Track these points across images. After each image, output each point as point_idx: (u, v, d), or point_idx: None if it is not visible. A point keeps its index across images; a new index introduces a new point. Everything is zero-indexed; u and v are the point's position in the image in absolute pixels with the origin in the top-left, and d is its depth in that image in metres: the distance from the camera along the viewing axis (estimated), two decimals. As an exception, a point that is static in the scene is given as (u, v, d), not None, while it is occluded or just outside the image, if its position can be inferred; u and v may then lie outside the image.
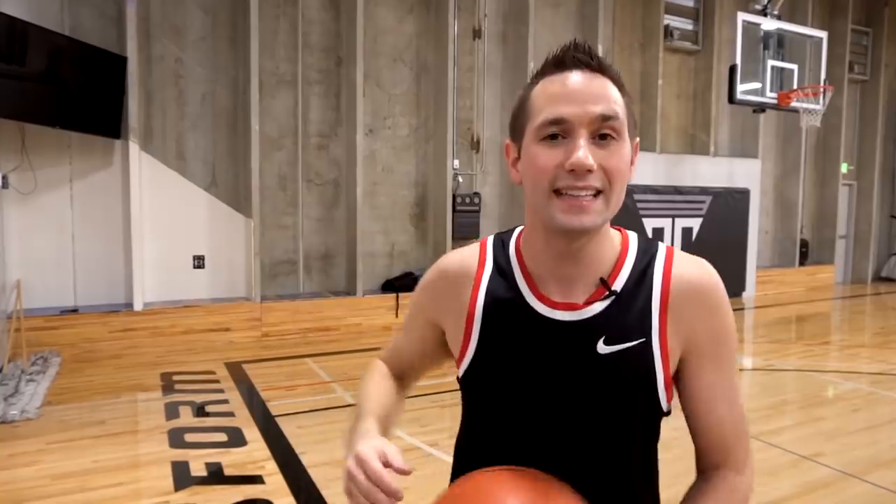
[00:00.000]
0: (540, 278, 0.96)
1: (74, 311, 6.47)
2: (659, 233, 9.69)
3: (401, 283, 8.01)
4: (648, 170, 9.53)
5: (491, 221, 8.73)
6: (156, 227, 6.87)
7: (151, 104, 6.83)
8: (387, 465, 0.87)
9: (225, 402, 5.01)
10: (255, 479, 3.61)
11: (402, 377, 1.22)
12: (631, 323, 0.92)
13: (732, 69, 7.72)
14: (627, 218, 9.25)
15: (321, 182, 7.77)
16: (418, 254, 8.37)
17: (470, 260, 1.03)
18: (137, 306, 6.58)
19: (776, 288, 11.24)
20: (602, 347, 0.91)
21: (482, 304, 0.97)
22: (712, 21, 9.95)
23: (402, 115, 8.15)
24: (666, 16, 9.71)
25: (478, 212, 8.38)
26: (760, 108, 8.39)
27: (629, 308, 0.92)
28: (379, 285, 8.07)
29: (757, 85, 7.97)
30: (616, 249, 0.97)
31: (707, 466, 0.98)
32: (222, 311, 6.95)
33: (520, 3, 8.49)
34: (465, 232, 8.32)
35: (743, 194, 10.50)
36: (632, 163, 0.93)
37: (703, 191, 10.06)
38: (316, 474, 3.68)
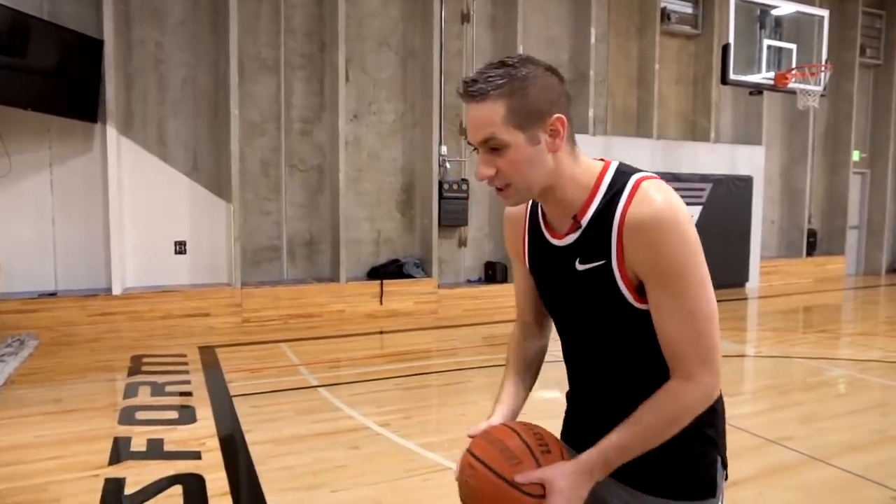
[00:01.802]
0: (548, 218, 1.30)
1: (53, 294, 6.49)
2: (656, 221, 9.46)
3: (386, 271, 7.92)
4: (645, 156, 9.29)
5: (480, 208, 8.60)
6: (137, 213, 6.86)
7: (132, 89, 6.82)
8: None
9: (187, 382, 4.96)
10: (193, 455, 3.53)
11: (538, 316, 1.50)
12: (596, 248, 1.19)
13: (725, 49, 7.48)
14: (623, 205, 9.04)
15: (305, 168, 7.71)
16: (405, 241, 8.26)
17: (521, 208, 1.38)
18: (116, 290, 6.58)
19: (782, 279, 10.92)
20: (578, 265, 1.23)
21: (528, 234, 1.37)
22: (712, 4, 9.68)
23: (388, 100, 8.05)
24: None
25: (466, 198, 8.25)
26: (757, 89, 8.12)
27: (595, 237, 1.20)
28: (365, 272, 7.98)
29: (753, 66, 7.71)
30: (587, 190, 1.22)
31: (670, 376, 1.19)
32: (202, 297, 6.92)
33: (509, -14, 8.34)
34: (453, 219, 8.20)
35: (746, 182, 10.21)
36: (555, 134, 1.18)
37: (704, 178, 9.80)
38: (255, 451, 3.60)
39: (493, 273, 8.51)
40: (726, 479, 1.37)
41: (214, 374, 5.19)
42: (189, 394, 4.66)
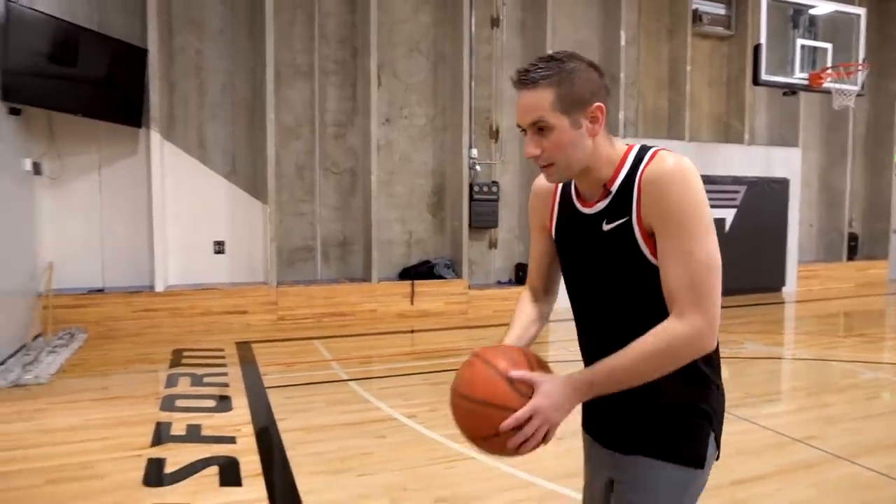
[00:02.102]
0: (579, 190, 1.45)
1: (101, 291, 6.82)
2: (688, 223, 9.39)
3: (417, 272, 8.07)
4: (676, 158, 9.25)
5: (510, 211, 8.68)
6: (179, 213, 7.17)
7: (174, 95, 7.14)
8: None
9: (224, 374, 5.18)
10: (228, 440, 3.72)
11: (547, 284, 1.65)
12: (621, 209, 1.34)
13: (757, 49, 7.42)
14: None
15: (338, 171, 7.92)
16: (436, 242, 8.40)
17: (549, 184, 1.54)
18: (159, 288, 6.88)
19: (821, 283, 10.69)
20: (605, 226, 1.37)
21: (557, 206, 1.51)
22: (746, 5, 9.59)
23: (419, 104, 8.22)
24: (696, 0, 9.43)
25: (496, 200, 8.35)
26: (791, 90, 8.01)
27: (621, 200, 1.34)
28: (397, 273, 8.14)
29: (786, 67, 7.63)
30: (615, 163, 1.37)
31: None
32: (240, 295, 7.18)
33: (539, -10, 8.44)
34: (484, 221, 8.30)
35: (781, 184, 10.05)
36: (595, 121, 1.34)
37: (737, 180, 9.69)
38: (286, 438, 3.77)
39: (524, 275, 8.58)
40: (717, 458, 1.44)
41: (250, 368, 5.40)
42: (226, 385, 4.88)
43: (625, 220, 1.32)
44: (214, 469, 3.30)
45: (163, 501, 2.95)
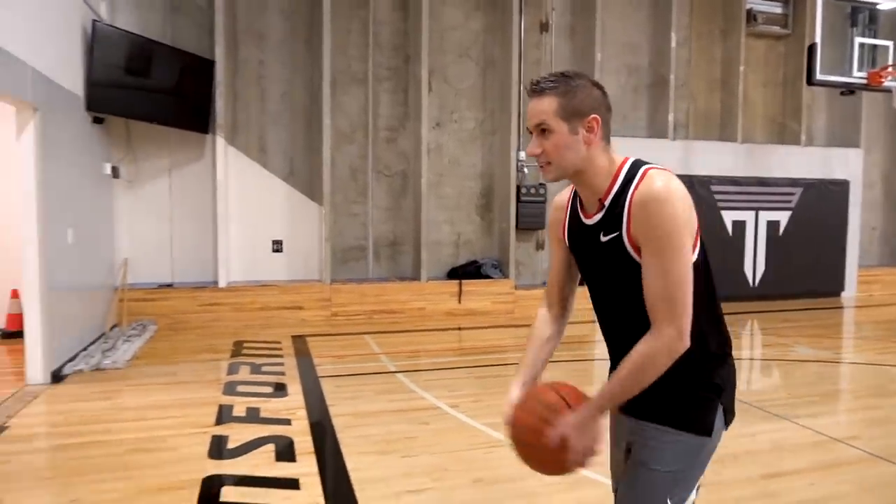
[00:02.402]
0: (583, 202, 1.64)
1: (170, 286, 7.32)
2: (741, 226, 9.27)
3: (465, 271, 8.29)
4: (728, 160, 9.16)
5: (558, 212, 8.77)
6: (241, 214, 7.61)
7: (237, 102, 7.59)
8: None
9: (281, 364, 5.53)
10: (284, 422, 4.03)
11: (563, 296, 1.84)
12: (613, 223, 1.52)
13: (812, 49, 7.30)
14: (706, 210, 8.95)
15: (390, 173, 8.23)
16: (483, 243, 8.60)
17: (563, 196, 1.76)
18: (222, 283, 7.33)
19: (885, 288, 10.31)
20: (602, 237, 1.56)
21: (568, 218, 1.71)
22: (803, 3, 9.38)
23: (468, 108, 8.44)
24: (750, 0, 9.30)
25: (543, 202, 8.47)
26: (848, 89, 7.83)
27: (613, 215, 1.53)
28: (445, 272, 8.38)
29: (844, 66, 7.47)
30: (609, 178, 1.55)
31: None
32: (296, 291, 7.56)
33: (588, -5, 8.53)
34: (531, 222, 8.44)
35: (841, 186, 9.78)
36: (590, 130, 1.53)
37: (793, 182, 9.49)
38: (337, 421, 4.04)
39: (570, 275, 8.66)
40: (726, 427, 1.60)
41: (304, 359, 5.74)
42: (282, 374, 5.21)
43: (616, 234, 1.51)
44: (271, 447, 3.60)
45: (226, 472, 3.26)
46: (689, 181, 8.95)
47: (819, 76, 7.32)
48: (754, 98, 9.68)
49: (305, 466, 3.35)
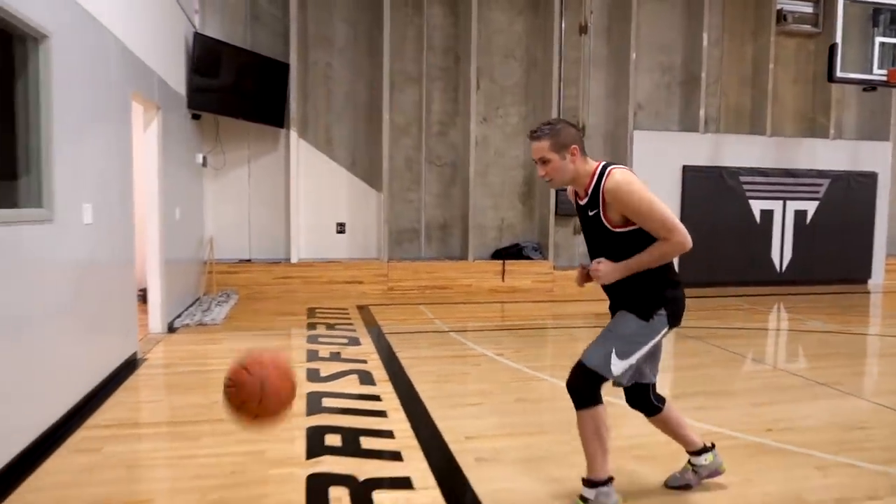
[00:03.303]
0: (577, 192, 2.55)
1: (248, 261, 8.38)
2: (769, 215, 9.83)
3: (508, 252, 9.12)
4: (755, 153, 9.73)
5: (594, 200, 9.52)
6: (309, 199, 8.62)
7: (307, 101, 8.59)
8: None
9: (350, 324, 6.49)
10: (362, 361, 4.96)
11: None
12: (594, 204, 2.44)
13: (832, 48, 7.85)
14: (734, 199, 9.57)
15: (441, 163, 9.11)
16: (524, 227, 9.41)
17: (570, 191, 2.64)
18: (294, 259, 8.36)
19: (913, 277, 10.69)
20: (590, 213, 2.48)
21: (575, 199, 2.61)
22: (833, 3, 9.83)
23: (513, 104, 9.26)
24: (781, 1, 9.82)
25: (580, 191, 9.23)
26: (871, 86, 8.33)
27: (594, 199, 2.44)
28: (490, 253, 9.23)
29: (866, 63, 7.99)
30: (589, 175, 2.45)
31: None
32: (357, 268, 8.54)
33: (625, -1, 9.23)
34: (569, 209, 9.18)
35: (869, 178, 10.22)
36: (573, 154, 2.41)
37: (821, 174, 9.99)
38: (404, 362, 4.95)
39: (604, 258, 9.41)
40: (669, 328, 2.50)
41: (370, 320, 6.68)
42: (353, 330, 6.17)
43: (596, 211, 2.44)
44: (355, 376, 4.54)
45: (323, 390, 4.20)
46: (719, 172, 9.59)
47: (839, 74, 7.86)
48: (784, 94, 10.20)
49: (383, 387, 4.27)
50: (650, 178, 9.73)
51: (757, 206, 9.77)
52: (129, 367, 4.64)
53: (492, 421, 3.69)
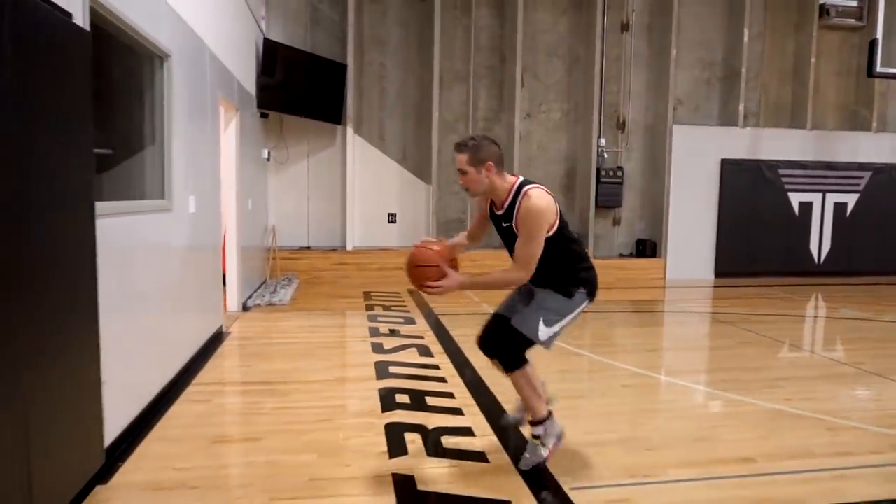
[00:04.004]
0: (494, 202, 2.92)
1: (307, 248, 9.05)
2: (807, 207, 10.01)
3: (549, 242, 9.55)
4: (795, 146, 9.91)
5: (634, 192, 9.89)
6: (363, 191, 9.23)
7: (362, 99, 9.18)
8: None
9: (404, 305, 7.07)
10: (419, 337, 5.53)
11: (476, 234, 3.20)
12: (509, 217, 2.78)
13: (872, 44, 8.02)
14: (773, 191, 9.80)
15: (486, 157, 9.59)
16: (566, 219, 9.80)
17: (486, 199, 2.99)
18: (349, 247, 8.99)
19: (957, 270, 10.71)
20: (504, 223, 2.86)
21: (490, 207, 2.98)
22: (877, -4, 9.92)
23: (555, 101, 9.67)
24: (824, -5, 9.95)
25: (620, 183, 9.61)
26: (911, 80, 8.46)
27: (509, 212, 2.79)
28: (531, 244, 9.67)
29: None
30: (506, 192, 2.80)
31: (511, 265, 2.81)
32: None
33: (666, -3, 9.52)
34: (608, 201, 9.60)
35: (912, 170, 10.28)
36: (488, 170, 2.76)
37: (861, 167, 10.11)
38: (457, 338, 5.49)
39: (644, 248, 9.78)
40: (589, 301, 2.93)
41: (422, 303, 7.25)
42: (408, 311, 6.74)
43: (510, 224, 2.77)
44: (414, 349, 5.10)
45: (388, 360, 4.78)
46: (757, 165, 9.82)
47: (880, 69, 8.03)
48: (826, 87, 10.33)
49: (440, 359, 4.82)
50: (688, 172, 10.05)
51: (796, 199, 9.97)
52: (217, 338, 5.30)
53: (538, 387, 4.19)
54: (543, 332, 2.84)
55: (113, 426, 2.94)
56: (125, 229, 3.23)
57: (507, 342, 2.89)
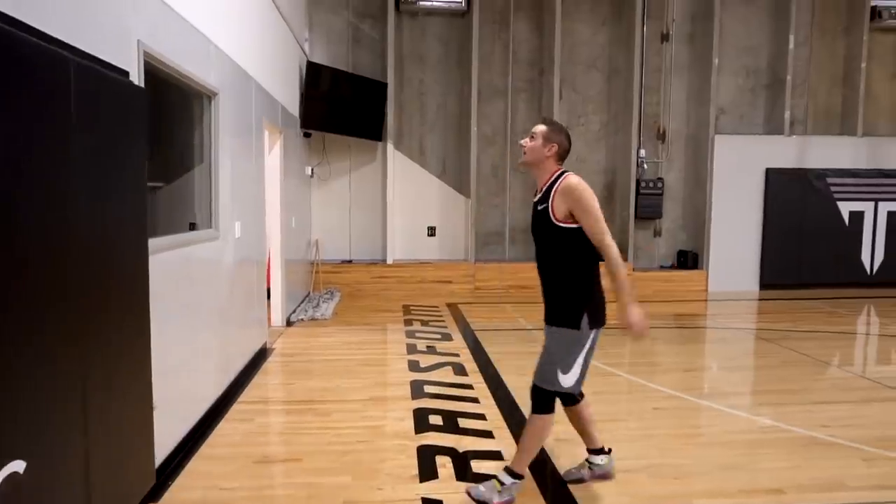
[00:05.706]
0: (536, 188, 3.01)
1: (349, 262, 9.29)
2: (858, 216, 9.70)
3: (589, 254, 9.53)
4: (845, 154, 9.62)
5: (675, 203, 9.78)
6: (403, 205, 9.41)
7: (402, 114, 9.37)
8: None
9: (442, 320, 7.20)
10: (454, 354, 5.64)
11: None
12: (545, 199, 2.86)
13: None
14: (821, 201, 9.54)
15: (525, 171, 9.63)
16: (606, 230, 9.77)
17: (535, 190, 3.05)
18: (389, 261, 9.18)
19: None
20: (540, 206, 2.93)
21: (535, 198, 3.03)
22: (933, -3, 9.55)
23: (594, 113, 9.65)
24: (875, -2, 9.64)
25: (660, 195, 9.52)
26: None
27: (546, 196, 2.88)
28: (571, 256, 9.67)
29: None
30: (549, 175, 2.91)
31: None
32: (446, 269, 9.25)
33: (707, 3, 9.38)
34: (648, 212, 9.52)
35: (972, 177, 9.83)
36: (549, 149, 2.90)
37: (918, 173, 9.73)
38: (492, 356, 5.59)
39: (685, 260, 9.65)
40: (592, 329, 2.88)
41: (460, 318, 7.36)
42: (445, 327, 6.87)
43: (545, 205, 2.81)
44: (449, 367, 5.22)
45: (424, 378, 4.91)
46: (804, 174, 9.57)
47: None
48: (878, 91, 9.99)
49: (475, 378, 4.92)
50: (731, 182, 9.89)
51: (846, 208, 9.67)
52: (261, 354, 5.54)
53: (570, 409, 4.25)
54: (564, 379, 2.87)
55: (164, 445, 3.15)
56: (178, 259, 3.45)
57: (535, 392, 2.96)
